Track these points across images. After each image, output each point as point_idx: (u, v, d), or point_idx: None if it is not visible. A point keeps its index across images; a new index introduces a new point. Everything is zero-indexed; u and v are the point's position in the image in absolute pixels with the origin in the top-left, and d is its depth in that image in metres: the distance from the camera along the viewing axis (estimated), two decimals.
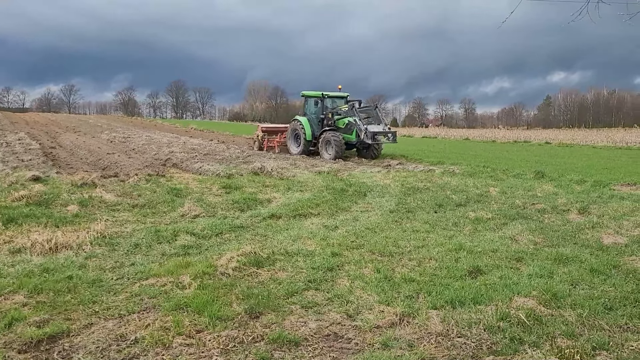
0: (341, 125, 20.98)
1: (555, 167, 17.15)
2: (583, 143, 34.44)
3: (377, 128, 20.04)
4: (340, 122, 21.09)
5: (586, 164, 18.81)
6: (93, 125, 45.26)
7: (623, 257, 6.67)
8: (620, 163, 19.48)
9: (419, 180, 13.78)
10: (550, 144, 34.35)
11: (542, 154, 24.06)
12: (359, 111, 20.54)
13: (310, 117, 21.98)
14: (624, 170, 16.27)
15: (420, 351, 3.93)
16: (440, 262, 6.45)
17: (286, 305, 4.97)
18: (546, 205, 10.34)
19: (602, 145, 32.61)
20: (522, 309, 4.67)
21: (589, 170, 16.39)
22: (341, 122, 21.02)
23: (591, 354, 3.84)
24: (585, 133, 49.28)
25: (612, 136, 39.23)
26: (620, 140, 35.06)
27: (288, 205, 9.99)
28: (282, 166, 16.50)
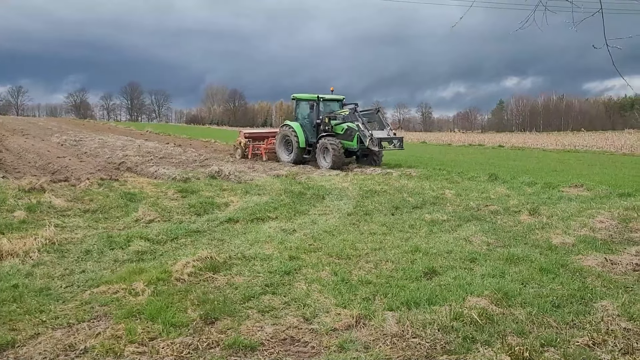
0: (339, 131, 18.94)
1: (508, 170, 17.65)
2: (534, 146, 35.60)
3: (382, 134, 18.27)
4: (338, 128, 19.03)
5: (537, 167, 19.45)
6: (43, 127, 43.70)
7: (570, 256, 6.92)
8: (568, 166, 20.23)
9: (377, 183, 13.92)
10: (503, 147, 35.37)
11: (496, 157, 24.72)
12: (360, 115, 18.52)
13: (303, 122, 20.00)
14: (572, 173, 16.91)
15: (375, 353, 3.96)
16: (397, 264, 6.52)
17: (242, 310, 4.92)
18: (499, 207, 10.62)
19: (552, 148, 33.80)
20: (475, 308, 4.77)
21: (539, 172, 16.96)
22: (339, 127, 18.97)
23: (540, 351, 3.96)
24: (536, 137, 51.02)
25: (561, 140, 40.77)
26: (569, 143, 36.45)
27: (246, 209, 9.91)
28: (240, 170, 16.36)
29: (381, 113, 19.75)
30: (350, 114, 18.58)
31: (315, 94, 19.94)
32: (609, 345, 4.08)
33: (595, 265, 6.46)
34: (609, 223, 8.85)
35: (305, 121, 20.02)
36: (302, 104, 20.41)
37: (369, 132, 17.70)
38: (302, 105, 20.45)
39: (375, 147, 17.66)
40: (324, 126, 19.27)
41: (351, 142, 18.56)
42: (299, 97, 20.62)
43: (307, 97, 20.18)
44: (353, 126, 18.35)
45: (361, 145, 18.22)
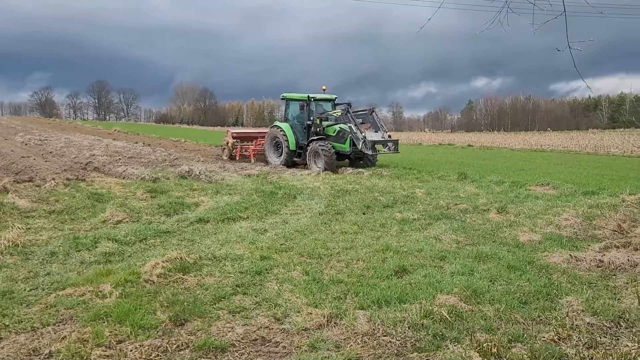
0: (331, 132, 18.01)
1: (477, 169, 17.93)
2: (502, 146, 36.29)
3: (376, 136, 17.40)
4: (330, 130, 18.06)
5: (505, 166, 19.82)
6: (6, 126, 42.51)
7: (537, 253, 7.07)
8: (535, 165, 20.67)
9: (348, 182, 13.97)
10: (473, 147, 35.94)
11: (465, 157, 25.10)
12: (352, 116, 17.55)
13: (293, 124, 19.06)
14: (538, 172, 17.28)
15: (347, 351, 3.97)
16: (368, 262, 6.56)
17: (213, 311, 4.87)
18: (468, 206, 10.78)
19: (519, 147, 34.50)
20: (445, 306, 4.83)
21: (507, 171, 17.27)
22: (331, 129, 18.03)
23: (507, 347, 4.02)
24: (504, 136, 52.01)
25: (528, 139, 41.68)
26: (535, 143, 37.28)
27: (216, 209, 9.82)
28: (211, 169, 16.21)
29: (376, 114, 18.68)
30: (342, 115, 17.67)
31: (305, 93, 19.09)
32: (573, 340, 4.18)
33: (561, 262, 6.61)
34: (573, 221, 9.07)
35: (295, 122, 19.15)
36: (292, 104, 19.49)
37: (362, 134, 16.89)
38: (292, 105, 19.54)
39: (368, 151, 16.83)
40: (315, 128, 18.28)
41: (343, 145, 17.68)
42: (289, 96, 19.66)
43: (297, 96, 19.27)
44: (345, 128, 17.48)
45: (354, 148, 17.37)
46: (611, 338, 4.29)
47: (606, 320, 4.64)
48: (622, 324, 4.60)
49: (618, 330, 4.47)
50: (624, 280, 5.86)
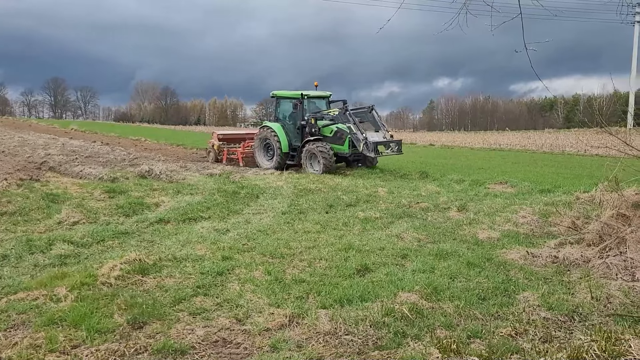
0: (328, 133, 16.76)
1: (438, 168, 18.22)
2: (462, 145, 36.99)
3: (378, 137, 16.15)
4: (326, 130, 16.83)
5: (465, 165, 20.20)
6: None
7: (495, 250, 7.22)
8: (494, 163, 21.14)
9: (311, 181, 13.96)
10: (434, 146, 36.53)
11: (426, 156, 25.46)
12: (352, 115, 16.35)
13: (285, 124, 17.77)
14: (497, 170, 17.67)
15: (308, 351, 3.95)
16: (330, 261, 6.56)
17: (173, 313, 4.78)
18: (429, 204, 10.93)
19: (479, 147, 35.23)
20: (406, 303, 4.88)
21: (467, 170, 17.60)
22: (327, 129, 16.80)
23: (466, 343, 4.09)
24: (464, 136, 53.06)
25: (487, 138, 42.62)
26: (494, 142, 38.15)
27: (177, 209, 9.65)
28: (172, 169, 15.93)
29: (375, 111, 17.20)
30: (340, 114, 16.48)
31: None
32: (530, 334, 4.28)
33: (518, 258, 6.77)
34: (530, 218, 9.31)
35: (287, 122, 17.86)
36: (284, 103, 18.18)
37: (363, 135, 15.68)
38: (283, 104, 18.22)
39: (370, 153, 15.66)
40: (309, 128, 16.94)
41: (342, 147, 16.46)
42: (280, 94, 18.28)
43: (289, 94, 18.02)
44: (344, 128, 16.33)
45: (354, 150, 16.23)
46: (565, 332, 4.41)
47: (561, 315, 4.77)
48: (575, 317, 4.75)
49: (572, 324, 4.61)
50: (577, 275, 6.05)
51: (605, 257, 6.38)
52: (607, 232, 7.18)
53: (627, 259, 6.13)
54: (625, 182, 10.76)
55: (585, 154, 27.07)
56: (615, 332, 4.07)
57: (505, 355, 3.84)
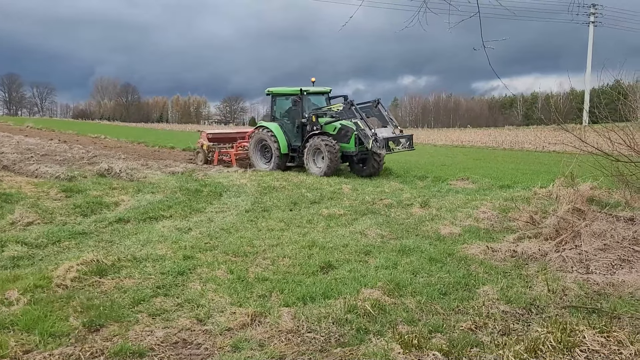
0: (330, 130, 15.49)
1: (401, 165, 18.38)
2: (425, 142, 37.46)
3: (387, 132, 14.76)
4: (329, 127, 15.55)
5: (428, 161, 20.46)
6: None
7: (457, 245, 7.33)
8: (456, 160, 21.49)
9: (275, 179, 13.89)
10: None
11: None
12: (358, 110, 14.99)
13: (284, 123, 16.53)
14: (459, 167, 17.97)
15: (270, 350, 3.92)
16: (294, 259, 6.53)
17: (131, 314, 4.66)
18: (393, 201, 11.02)
19: (442, 144, 35.78)
20: (369, 300, 4.89)
21: (430, 167, 17.83)
22: (330, 126, 15.52)
23: (428, 337, 4.13)
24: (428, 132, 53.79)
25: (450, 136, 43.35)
26: (457, 139, 38.82)
27: (137, 208, 9.44)
28: (133, 167, 15.59)
29: (382, 105, 15.77)
30: (344, 110, 15.14)
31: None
32: (489, 327, 4.35)
33: (478, 253, 6.89)
34: (490, 213, 9.50)
35: (285, 121, 16.62)
36: (281, 100, 16.94)
37: (372, 130, 14.33)
38: (280, 101, 16.97)
39: (382, 150, 14.23)
40: (310, 126, 15.74)
41: (347, 145, 15.12)
42: (276, 91, 16.94)
43: (287, 91, 16.67)
44: (349, 125, 15.11)
45: (360, 148, 14.94)
46: (523, 324, 4.51)
47: (519, 308, 4.88)
48: (533, 310, 4.86)
49: (529, 317, 4.72)
50: (535, 268, 6.19)
51: (561, 251, 6.55)
52: (563, 226, 7.38)
53: (582, 252, 6.32)
54: (580, 177, 11.11)
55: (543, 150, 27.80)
56: (571, 324, 4.17)
57: (465, 349, 3.89)
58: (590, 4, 50.89)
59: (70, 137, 32.56)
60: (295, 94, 16.24)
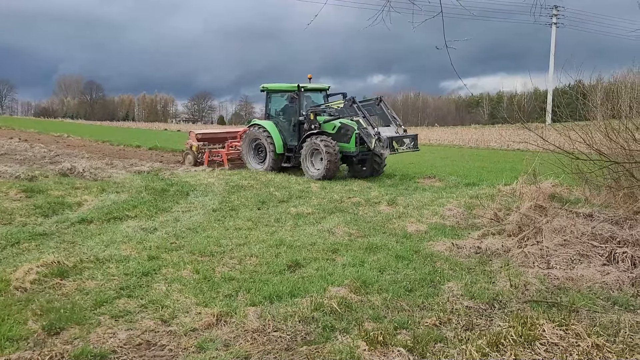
0: (329, 129, 14.55)
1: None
2: None
3: (390, 131, 13.71)
4: (327, 126, 14.59)
5: (396, 159, 20.59)
6: None
7: (423, 242, 7.42)
8: (424, 158, 21.72)
9: (243, 178, 13.80)
10: None
11: None
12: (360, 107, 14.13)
13: (278, 121, 15.73)
14: (426, 165, 18.22)
15: (236, 350, 3.89)
16: (261, 258, 6.50)
17: (93, 316, 4.56)
18: (361, 199, 11.09)
19: None
20: (335, 298, 4.91)
21: (397, 165, 17.99)
22: (329, 125, 14.57)
23: (393, 334, 4.17)
24: None
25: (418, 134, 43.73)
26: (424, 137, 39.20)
27: (101, 209, 9.24)
28: (97, 166, 15.26)
29: (384, 103, 14.82)
30: (345, 107, 14.30)
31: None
32: (453, 323, 4.42)
33: (444, 250, 6.99)
34: (456, 211, 9.64)
35: (281, 119, 15.82)
36: (276, 97, 16.08)
37: (375, 129, 13.42)
38: (275, 98, 16.10)
39: (385, 150, 13.31)
40: (308, 124, 14.75)
41: (347, 144, 14.16)
42: (272, 87, 16.02)
43: (283, 87, 15.74)
44: (349, 123, 14.27)
45: (361, 148, 14.04)
46: (486, 319, 4.60)
47: (482, 303, 4.97)
48: (495, 305, 4.96)
49: (492, 312, 4.81)
50: (498, 264, 6.32)
51: (523, 247, 6.70)
52: (525, 222, 7.56)
53: (543, 247, 6.47)
54: (543, 175, 11.38)
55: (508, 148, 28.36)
56: (531, 318, 4.27)
57: (429, 345, 3.94)
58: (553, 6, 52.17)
59: (31, 135, 31.67)
60: (292, 91, 15.25)
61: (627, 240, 6.40)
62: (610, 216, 7.24)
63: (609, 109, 9.85)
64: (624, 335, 4.07)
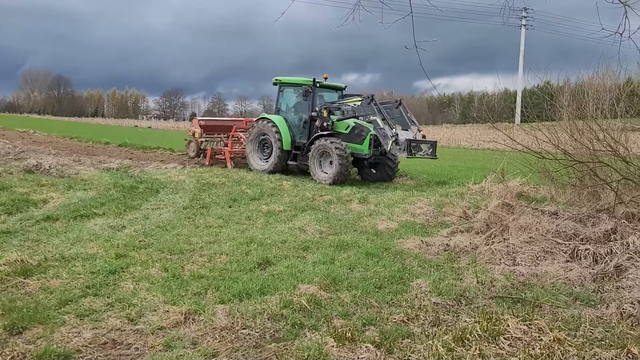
0: (342, 129, 13.87)
1: None
2: None
3: (409, 135, 12.74)
4: (340, 125, 13.90)
5: None
6: None
7: (393, 240, 7.49)
8: None
9: (215, 175, 13.70)
10: None
11: None
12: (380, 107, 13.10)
13: (289, 116, 15.01)
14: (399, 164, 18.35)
15: (203, 348, 3.86)
16: (231, 256, 6.46)
17: (58, 316, 4.46)
18: (332, 197, 11.13)
19: None
20: (305, 295, 4.91)
21: None
22: (342, 124, 13.88)
23: (361, 330, 4.20)
24: None
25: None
26: None
27: (68, 206, 9.05)
28: (64, 163, 14.93)
29: (404, 106, 13.80)
30: (363, 105, 13.37)
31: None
32: (420, 319, 4.48)
33: (414, 247, 7.07)
34: (426, 209, 9.77)
35: (291, 115, 15.12)
36: (289, 92, 15.38)
37: (393, 131, 12.47)
38: (287, 92, 15.39)
39: (402, 153, 12.34)
40: (320, 122, 13.94)
41: (360, 146, 13.53)
42: (285, 80, 15.24)
43: (298, 81, 14.94)
44: (364, 123, 13.64)
45: (375, 151, 13.51)
46: (453, 315, 4.67)
47: (449, 299, 5.05)
48: (462, 301, 5.04)
49: (459, 308, 4.89)
50: (466, 261, 6.43)
51: (490, 244, 6.83)
52: (493, 220, 7.71)
53: (509, 244, 6.61)
54: (510, 174, 11.61)
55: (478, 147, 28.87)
56: (496, 313, 4.37)
57: (397, 341, 3.98)
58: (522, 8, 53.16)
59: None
60: (307, 84, 14.38)
61: (590, 237, 6.58)
62: (574, 214, 7.43)
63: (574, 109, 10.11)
64: (584, 330, 4.19)
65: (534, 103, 11.88)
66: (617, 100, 9.45)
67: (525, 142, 9.50)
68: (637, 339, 4.06)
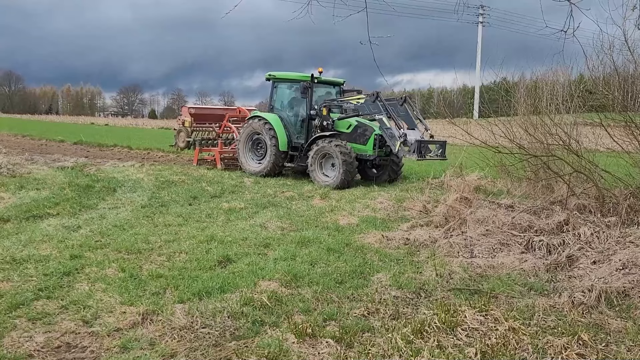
0: (343, 128, 12.97)
1: None
2: None
3: (416, 135, 11.79)
4: (341, 124, 13.00)
5: None
6: None
7: (354, 235, 7.53)
8: None
9: (174, 173, 13.47)
10: None
11: None
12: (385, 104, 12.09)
13: (285, 115, 13.96)
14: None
15: (161, 348, 3.79)
16: (191, 254, 6.37)
17: (8, 320, 4.29)
18: (294, 193, 11.12)
19: None
20: (266, 292, 4.89)
21: None
22: (344, 123, 12.99)
23: (322, 325, 4.21)
24: None
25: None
26: None
27: (19, 206, 8.72)
28: (15, 162, 14.35)
29: (409, 103, 12.70)
30: (367, 103, 12.45)
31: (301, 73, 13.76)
32: (380, 313, 4.52)
33: (374, 242, 7.13)
34: (387, 203, 9.88)
35: (287, 113, 14.08)
36: (283, 88, 14.26)
37: (401, 131, 11.54)
38: (282, 89, 14.28)
39: (412, 156, 11.35)
40: (320, 121, 13.07)
41: (364, 146, 12.67)
42: (280, 76, 14.16)
43: (293, 76, 13.94)
44: (367, 123, 12.82)
45: (379, 152, 12.70)
46: (412, 308, 4.74)
47: (409, 292, 5.12)
48: (422, 294, 5.12)
49: (419, 300, 4.96)
50: (425, 255, 6.53)
51: (449, 237, 6.96)
52: (451, 214, 7.85)
53: (467, 237, 6.75)
54: (469, 168, 11.86)
55: None
56: (454, 305, 4.46)
57: (357, 335, 4.01)
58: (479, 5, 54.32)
59: None
60: (304, 80, 13.30)
61: (544, 229, 6.79)
62: (529, 206, 7.64)
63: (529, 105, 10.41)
64: (537, 319, 4.32)
65: (491, 99, 12.17)
66: (571, 97, 9.78)
67: (483, 137, 9.73)
68: (587, 326, 4.22)
